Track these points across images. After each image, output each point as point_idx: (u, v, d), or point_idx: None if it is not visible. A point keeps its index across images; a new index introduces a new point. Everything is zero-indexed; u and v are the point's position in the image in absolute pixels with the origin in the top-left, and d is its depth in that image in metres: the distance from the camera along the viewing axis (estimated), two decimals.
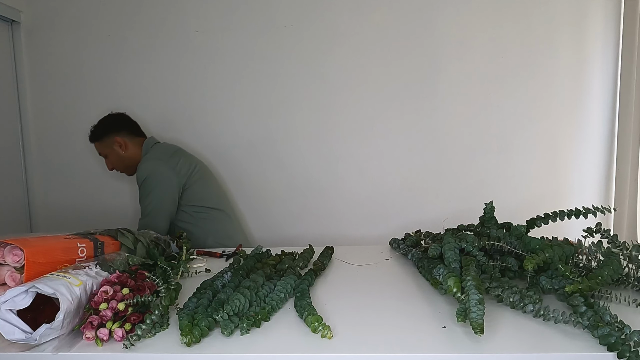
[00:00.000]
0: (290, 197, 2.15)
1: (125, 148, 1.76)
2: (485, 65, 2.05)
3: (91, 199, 2.18)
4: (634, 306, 0.88)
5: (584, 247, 1.02)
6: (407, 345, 0.75)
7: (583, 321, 0.76)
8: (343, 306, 0.93)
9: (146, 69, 2.10)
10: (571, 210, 1.08)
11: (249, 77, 2.09)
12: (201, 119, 2.12)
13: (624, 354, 0.69)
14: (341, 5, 2.04)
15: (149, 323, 0.78)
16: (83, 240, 0.98)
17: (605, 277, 0.87)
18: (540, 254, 0.92)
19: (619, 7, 2.03)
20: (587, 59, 2.06)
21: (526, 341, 0.76)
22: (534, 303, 0.82)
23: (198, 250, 1.41)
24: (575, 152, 2.12)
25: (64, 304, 0.75)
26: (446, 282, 0.86)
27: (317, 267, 1.13)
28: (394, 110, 2.10)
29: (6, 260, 0.83)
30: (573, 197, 2.12)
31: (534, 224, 1.13)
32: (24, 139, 2.13)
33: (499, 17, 2.03)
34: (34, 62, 2.11)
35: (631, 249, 0.96)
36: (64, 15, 2.09)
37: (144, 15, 2.08)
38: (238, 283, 0.97)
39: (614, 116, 2.09)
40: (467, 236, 1.07)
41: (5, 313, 0.73)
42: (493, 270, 0.97)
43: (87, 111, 2.13)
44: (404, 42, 2.05)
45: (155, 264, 1.05)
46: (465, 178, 2.12)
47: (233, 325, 0.80)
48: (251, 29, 2.06)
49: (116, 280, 0.86)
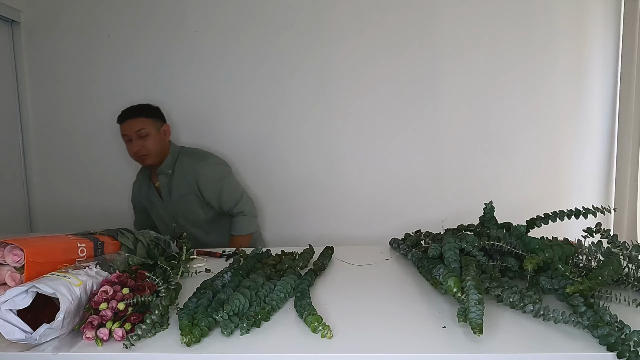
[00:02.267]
0: (290, 197, 2.15)
1: (166, 138, 1.80)
2: (485, 66, 2.05)
3: (91, 199, 2.18)
4: (634, 306, 0.88)
5: (584, 247, 1.02)
6: (407, 345, 0.75)
7: (583, 321, 0.76)
8: (343, 306, 0.93)
9: (146, 69, 2.10)
10: (571, 210, 1.08)
11: (249, 77, 2.09)
12: (201, 118, 2.12)
13: (624, 354, 0.69)
14: (341, 5, 2.04)
15: (149, 323, 0.78)
16: (83, 240, 0.98)
17: (605, 277, 0.87)
18: (540, 254, 0.92)
19: (619, 7, 2.02)
20: (587, 59, 2.06)
21: (526, 341, 0.76)
22: (533, 303, 0.82)
23: (198, 250, 1.41)
24: (575, 152, 2.12)
25: (64, 304, 0.75)
26: (446, 282, 0.86)
27: (317, 267, 1.13)
28: (394, 110, 2.10)
29: (6, 260, 0.83)
30: (573, 197, 2.12)
31: (534, 224, 1.13)
32: (24, 139, 2.13)
33: (499, 17, 2.02)
34: (34, 62, 2.11)
35: (631, 249, 0.96)
36: (64, 15, 2.09)
37: (144, 15, 2.07)
38: (238, 283, 0.97)
39: (614, 116, 2.09)
40: (467, 236, 1.07)
41: (5, 313, 0.73)
42: (493, 270, 0.97)
43: (87, 111, 2.13)
44: (404, 42, 2.05)
45: (155, 264, 1.05)
46: (465, 178, 2.12)
47: (233, 325, 0.80)
48: (251, 29, 2.06)
49: (116, 280, 0.86)
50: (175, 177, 1.78)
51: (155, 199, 1.83)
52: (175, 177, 1.78)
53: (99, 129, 2.14)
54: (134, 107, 1.74)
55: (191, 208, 1.80)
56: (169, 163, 1.78)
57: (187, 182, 1.77)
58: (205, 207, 1.81)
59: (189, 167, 1.79)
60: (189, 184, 1.77)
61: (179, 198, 1.79)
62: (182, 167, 1.79)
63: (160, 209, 1.84)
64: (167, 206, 1.82)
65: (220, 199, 1.79)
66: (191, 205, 1.80)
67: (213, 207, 1.82)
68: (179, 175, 1.78)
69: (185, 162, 1.80)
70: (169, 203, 1.80)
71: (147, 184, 1.85)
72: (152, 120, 1.74)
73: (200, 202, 1.80)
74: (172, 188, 1.78)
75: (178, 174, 1.78)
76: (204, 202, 1.80)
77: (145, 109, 1.75)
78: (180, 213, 1.81)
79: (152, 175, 1.84)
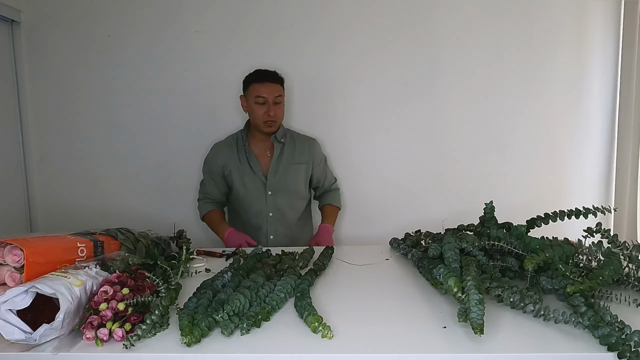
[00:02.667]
0: None
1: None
2: (485, 65, 2.05)
3: (91, 199, 2.18)
4: (634, 306, 0.88)
5: (584, 247, 1.02)
6: (407, 345, 0.75)
7: (583, 321, 0.76)
8: (343, 306, 0.92)
9: (146, 69, 2.10)
10: (571, 210, 1.08)
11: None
12: (201, 118, 2.12)
13: (624, 354, 0.69)
14: (341, 5, 2.04)
15: (149, 323, 0.78)
16: (83, 240, 0.98)
17: (606, 277, 0.87)
18: (541, 254, 0.92)
19: (619, 7, 2.03)
20: (587, 59, 2.06)
21: (526, 341, 0.76)
22: (534, 303, 0.82)
23: (198, 250, 1.41)
24: (575, 152, 2.12)
25: (64, 304, 0.75)
26: (446, 282, 0.86)
27: (317, 267, 1.13)
28: (394, 110, 2.10)
29: (6, 260, 0.83)
30: (573, 197, 2.12)
31: (534, 224, 1.13)
32: (24, 139, 2.13)
33: (499, 17, 2.02)
34: (34, 62, 2.11)
35: (631, 249, 0.96)
36: (64, 15, 2.09)
37: (144, 15, 2.07)
38: (238, 283, 0.97)
39: (614, 116, 2.09)
40: (467, 236, 1.07)
41: (5, 313, 0.73)
42: (493, 270, 0.97)
43: (87, 111, 2.13)
44: (404, 42, 2.05)
45: (155, 264, 1.05)
46: (465, 178, 2.12)
47: (233, 326, 0.80)
48: (251, 29, 2.06)
49: (116, 280, 0.86)
50: (287, 147, 1.79)
51: (256, 168, 1.75)
52: (288, 147, 1.79)
53: (98, 129, 2.14)
54: (273, 72, 1.71)
55: (297, 180, 1.79)
56: (282, 133, 1.79)
57: (302, 153, 1.80)
58: (307, 182, 1.83)
59: (301, 140, 1.83)
60: (303, 155, 1.80)
61: (289, 167, 1.77)
62: (294, 139, 1.82)
63: (258, 177, 1.75)
64: (275, 175, 1.76)
65: (325, 176, 1.88)
66: (298, 177, 1.79)
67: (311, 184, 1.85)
68: (291, 145, 1.80)
69: (295, 135, 1.84)
70: (275, 173, 1.76)
71: (245, 153, 1.77)
72: (283, 89, 1.73)
73: (306, 175, 1.81)
74: (283, 157, 1.77)
75: (290, 145, 1.80)
76: (309, 176, 1.82)
77: (280, 77, 1.73)
78: (284, 183, 1.76)
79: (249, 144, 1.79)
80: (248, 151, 1.77)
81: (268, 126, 1.70)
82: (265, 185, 1.75)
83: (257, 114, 1.69)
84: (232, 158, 1.77)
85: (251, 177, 1.76)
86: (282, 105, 1.73)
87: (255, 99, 1.67)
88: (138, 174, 2.16)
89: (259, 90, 1.66)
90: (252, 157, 1.76)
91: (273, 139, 1.77)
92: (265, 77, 1.68)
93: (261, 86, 1.67)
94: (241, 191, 1.76)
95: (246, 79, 1.72)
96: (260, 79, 1.68)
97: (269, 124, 1.69)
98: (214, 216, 1.79)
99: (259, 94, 1.66)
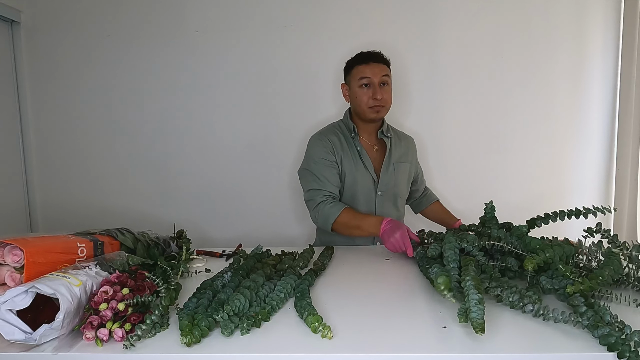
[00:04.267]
0: (290, 197, 2.15)
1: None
2: (486, 66, 2.05)
3: (91, 199, 2.18)
4: (634, 306, 0.88)
5: (584, 247, 1.02)
6: (407, 345, 0.75)
7: (583, 321, 0.76)
8: (343, 306, 0.92)
9: (146, 69, 2.10)
10: (571, 210, 1.08)
11: (249, 77, 2.09)
12: (201, 118, 2.12)
13: (624, 354, 0.69)
14: (341, 5, 2.04)
15: (149, 323, 0.78)
16: (83, 240, 0.98)
17: (606, 277, 0.87)
18: (541, 254, 0.92)
19: (619, 7, 2.03)
20: (587, 59, 2.06)
21: (526, 341, 0.76)
22: (533, 303, 0.82)
23: (198, 250, 1.41)
24: (575, 152, 2.12)
25: (64, 304, 0.75)
26: (436, 280, 0.86)
27: (317, 267, 1.13)
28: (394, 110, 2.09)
29: (6, 260, 0.83)
30: (573, 197, 2.12)
31: (534, 224, 1.13)
32: (24, 139, 2.13)
33: (499, 17, 2.02)
34: (34, 62, 2.11)
35: (631, 249, 0.96)
36: (64, 15, 2.09)
37: (144, 16, 2.07)
38: (238, 283, 0.97)
39: (614, 116, 2.09)
40: (468, 236, 1.07)
41: (5, 313, 0.73)
42: (493, 270, 0.97)
43: (87, 111, 2.13)
44: (404, 42, 2.05)
45: (155, 264, 1.05)
46: (465, 178, 2.12)
47: (233, 326, 0.80)
48: (251, 29, 2.06)
49: (116, 280, 0.86)
50: (394, 141, 1.62)
51: (367, 164, 1.55)
52: (394, 141, 1.62)
53: (99, 129, 2.14)
54: (378, 52, 1.53)
55: (403, 180, 1.62)
56: (386, 126, 1.62)
57: (407, 151, 1.65)
58: (409, 183, 1.68)
59: (405, 138, 1.69)
60: (408, 154, 1.65)
61: (398, 166, 1.59)
62: (397, 135, 1.67)
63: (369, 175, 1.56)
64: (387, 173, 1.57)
65: (422, 176, 1.78)
66: (405, 177, 1.63)
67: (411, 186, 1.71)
68: (397, 142, 1.63)
69: (397, 131, 1.69)
70: (387, 171, 1.57)
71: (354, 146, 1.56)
72: (390, 72, 1.56)
73: (409, 176, 1.66)
74: (392, 155, 1.59)
75: (396, 141, 1.63)
76: (411, 177, 1.69)
77: (387, 58, 1.55)
78: (393, 183, 1.58)
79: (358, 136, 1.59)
80: (358, 144, 1.56)
81: (375, 112, 1.50)
82: (376, 184, 1.56)
83: (362, 99, 1.49)
84: (344, 149, 1.55)
85: (363, 174, 1.54)
86: (390, 88, 1.53)
87: (359, 81, 1.49)
88: (138, 174, 2.16)
89: (363, 71, 1.49)
90: (363, 152, 1.55)
91: (380, 133, 1.59)
92: (370, 58, 1.50)
93: (365, 67, 1.49)
94: (351, 189, 1.54)
95: (348, 63, 1.56)
96: (365, 60, 1.51)
97: (376, 109, 1.49)
98: (350, 213, 1.43)
99: (363, 75, 1.49)
